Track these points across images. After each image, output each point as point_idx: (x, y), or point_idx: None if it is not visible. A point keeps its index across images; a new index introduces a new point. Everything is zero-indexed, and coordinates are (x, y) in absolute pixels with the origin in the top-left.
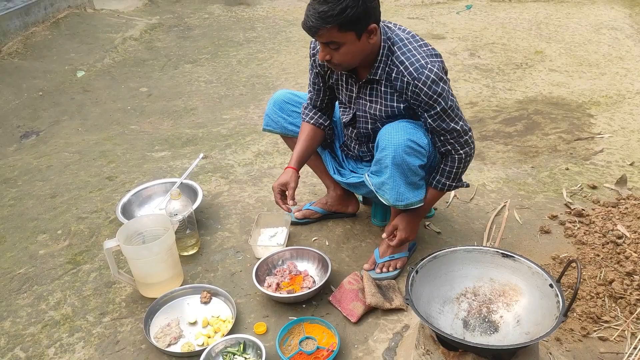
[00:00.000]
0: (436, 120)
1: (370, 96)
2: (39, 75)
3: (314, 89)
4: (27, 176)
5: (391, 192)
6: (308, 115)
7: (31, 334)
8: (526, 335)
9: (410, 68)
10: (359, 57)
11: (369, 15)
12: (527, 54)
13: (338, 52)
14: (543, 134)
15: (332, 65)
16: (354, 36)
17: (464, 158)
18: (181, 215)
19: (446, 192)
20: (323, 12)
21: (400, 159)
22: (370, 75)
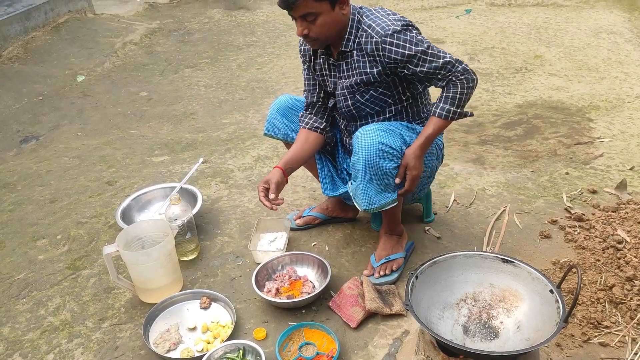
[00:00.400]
0: (423, 64)
1: (346, 71)
2: (39, 79)
3: (308, 84)
4: (26, 181)
5: (363, 197)
6: (304, 121)
7: (30, 339)
8: (526, 341)
9: (377, 28)
10: (334, 28)
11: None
12: (526, 58)
13: (314, 24)
14: (543, 138)
15: (310, 40)
16: (328, 6)
17: (466, 83)
18: (181, 220)
19: (450, 121)
20: None
21: (372, 162)
22: (342, 47)
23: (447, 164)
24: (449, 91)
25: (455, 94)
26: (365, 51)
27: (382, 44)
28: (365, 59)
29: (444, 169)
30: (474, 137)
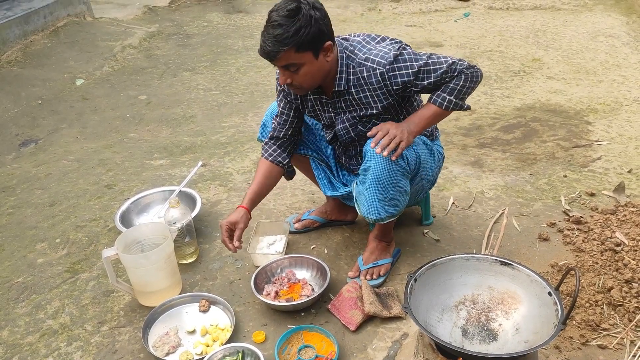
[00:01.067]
0: (429, 76)
1: (345, 107)
2: (38, 83)
3: (281, 119)
4: (25, 184)
5: (365, 204)
6: (267, 151)
7: (29, 343)
8: (525, 344)
9: (377, 59)
10: (319, 76)
11: (324, 33)
12: (524, 62)
13: (298, 74)
14: (541, 141)
15: (294, 88)
16: (312, 56)
17: (471, 77)
18: (180, 223)
19: (446, 111)
20: (279, 35)
21: (383, 174)
22: (336, 87)
23: (446, 167)
24: (451, 82)
25: (457, 85)
26: (370, 85)
27: (388, 72)
28: (368, 93)
29: (443, 172)
30: (472, 140)
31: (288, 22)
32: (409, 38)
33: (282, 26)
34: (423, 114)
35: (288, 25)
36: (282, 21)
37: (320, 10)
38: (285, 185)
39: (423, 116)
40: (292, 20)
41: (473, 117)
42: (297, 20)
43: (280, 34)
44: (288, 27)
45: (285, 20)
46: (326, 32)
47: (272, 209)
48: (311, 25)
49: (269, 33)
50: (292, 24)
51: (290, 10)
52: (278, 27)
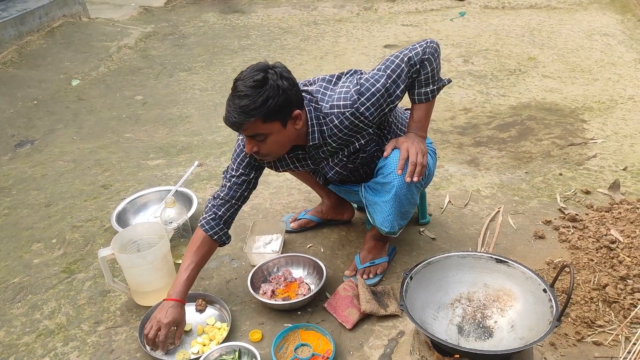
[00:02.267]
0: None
1: (325, 153)
2: (34, 84)
3: (238, 180)
4: (21, 185)
5: (380, 215)
6: (212, 227)
7: (25, 343)
8: (520, 340)
9: (341, 103)
10: (288, 144)
11: (291, 102)
12: (520, 60)
13: (265, 143)
14: (537, 140)
15: (261, 156)
16: (280, 125)
17: (432, 58)
18: (176, 223)
19: (433, 100)
20: (245, 106)
21: (403, 190)
22: (310, 142)
23: (442, 166)
24: (420, 75)
25: (427, 74)
26: (345, 128)
27: (357, 110)
28: (345, 137)
29: (439, 171)
30: (468, 138)
31: (254, 93)
32: (405, 37)
33: (249, 97)
34: (420, 116)
35: (254, 96)
36: (248, 92)
37: (288, 79)
38: (282, 185)
39: (420, 118)
40: (259, 91)
41: (469, 116)
42: (265, 91)
43: (247, 105)
44: (255, 97)
45: (252, 91)
46: (294, 101)
47: (268, 209)
48: (279, 95)
49: (234, 103)
50: (258, 95)
51: (257, 80)
52: (244, 98)
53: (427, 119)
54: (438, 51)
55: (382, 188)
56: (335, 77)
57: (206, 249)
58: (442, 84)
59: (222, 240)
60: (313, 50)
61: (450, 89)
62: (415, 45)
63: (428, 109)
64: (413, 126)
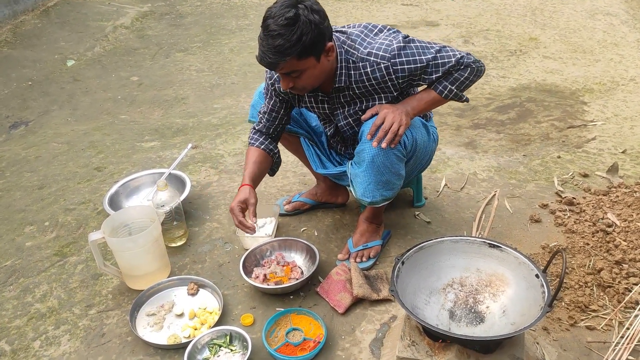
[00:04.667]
0: (438, 70)
1: (346, 103)
2: (29, 64)
3: (270, 117)
4: (15, 167)
5: (360, 186)
6: (258, 140)
7: (17, 326)
8: (512, 326)
9: (380, 52)
10: (323, 77)
11: (324, 35)
12: (521, 41)
13: (300, 78)
14: (536, 122)
15: (296, 90)
16: (314, 60)
17: (476, 70)
18: (168, 206)
19: (445, 99)
20: (280, 45)
21: (379, 158)
22: (335, 84)
23: (439, 149)
24: (456, 72)
25: (461, 77)
26: (374, 79)
27: (393, 66)
28: (371, 88)
29: (436, 154)
30: (466, 120)
31: (288, 31)
32: (405, 17)
33: (282, 36)
34: (422, 98)
35: (288, 34)
36: (281, 30)
37: (319, 12)
38: None
39: (422, 99)
40: (291, 29)
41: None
42: (297, 28)
43: (281, 44)
44: (288, 36)
45: (285, 29)
46: (326, 33)
47: (262, 191)
48: (312, 30)
49: (268, 43)
50: (292, 33)
51: (288, 18)
52: (278, 37)
53: (426, 104)
54: (482, 72)
55: (359, 157)
56: (378, 28)
57: (256, 154)
58: (462, 96)
59: (268, 149)
60: None
61: None
62: (470, 55)
63: (434, 100)
64: (408, 100)
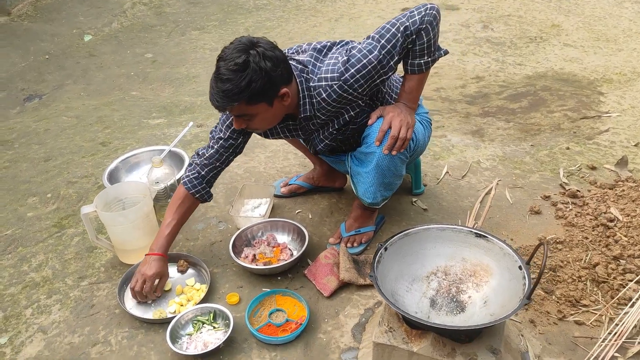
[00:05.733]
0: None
1: (315, 125)
2: (47, 38)
3: (226, 143)
4: (24, 139)
5: (362, 186)
6: (194, 185)
7: (11, 294)
8: (491, 317)
9: (328, 75)
10: (277, 119)
11: (276, 82)
12: (542, 28)
13: (252, 121)
14: (548, 112)
15: (250, 129)
16: (266, 105)
17: (430, 27)
18: (163, 183)
19: (427, 72)
20: (227, 90)
21: (385, 162)
22: (301, 114)
23: (445, 135)
24: (415, 45)
25: (423, 44)
26: (333, 102)
27: (345, 83)
28: (334, 110)
29: (441, 140)
30: (476, 108)
31: (236, 77)
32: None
33: (231, 81)
34: (411, 87)
35: (237, 80)
36: (230, 75)
37: (272, 59)
38: (279, 149)
39: (412, 89)
40: (241, 75)
41: (480, 85)
42: (247, 74)
43: (229, 89)
44: (237, 82)
45: (234, 74)
46: (279, 80)
47: (261, 172)
48: (262, 77)
49: (217, 87)
50: (241, 79)
51: (238, 64)
52: (227, 82)
53: (418, 91)
54: (437, 19)
55: (365, 158)
56: (327, 47)
57: (188, 206)
58: (439, 55)
59: (204, 198)
60: (328, 12)
61: (464, 56)
62: (413, 12)
63: (421, 80)
64: (403, 96)
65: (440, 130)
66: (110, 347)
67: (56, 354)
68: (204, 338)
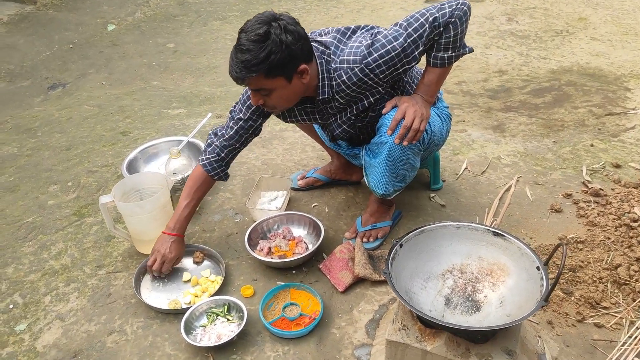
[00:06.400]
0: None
1: (336, 111)
2: (71, 27)
3: (245, 124)
4: (47, 127)
5: (373, 177)
6: (211, 163)
7: (31, 281)
8: (507, 317)
9: (350, 58)
10: (295, 98)
11: (296, 57)
12: (569, 21)
13: (270, 97)
14: (572, 107)
15: (267, 108)
16: (284, 80)
17: (458, 22)
18: (180, 174)
19: (449, 67)
20: (246, 61)
21: (397, 152)
22: (319, 97)
23: (465, 130)
24: (441, 38)
25: (449, 38)
26: (353, 85)
27: (367, 67)
28: (354, 93)
29: (460, 135)
30: (498, 102)
31: (256, 48)
32: None
33: (250, 51)
34: (430, 80)
35: (256, 51)
36: (250, 46)
37: (293, 33)
38: (297, 141)
39: (431, 82)
40: (260, 46)
41: (503, 79)
42: (267, 45)
43: (248, 60)
44: (256, 52)
45: (254, 45)
46: (300, 56)
47: (279, 164)
48: (281, 50)
49: (236, 57)
50: (260, 50)
51: (259, 34)
52: (246, 52)
53: (438, 84)
54: (468, 15)
55: (377, 149)
56: (351, 30)
57: (205, 187)
58: (463, 52)
59: (222, 179)
60: (350, 3)
61: (488, 49)
62: (444, 4)
63: (442, 75)
64: (421, 89)
65: (460, 125)
66: (125, 337)
67: (73, 341)
68: (217, 330)
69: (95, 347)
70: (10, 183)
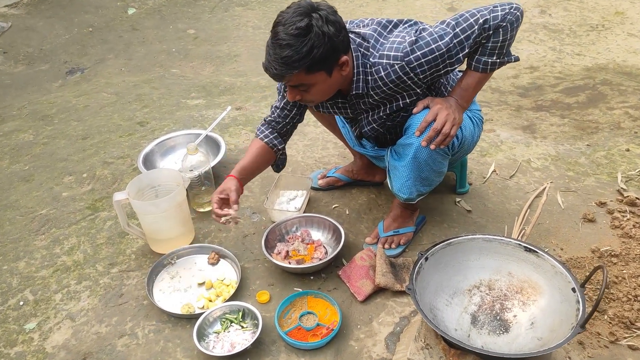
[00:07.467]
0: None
1: (369, 107)
2: (91, 10)
3: (282, 113)
4: (64, 114)
5: (397, 181)
6: (263, 132)
7: (42, 277)
8: (538, 341)
9: (391, 54)
10: (332, 91)
11: (338, 49)
12: (605, 15)
13: (308, 92)
14: (607, 108)
15: (304, 102)
16: (325, 75)
17: (509, 27)
18: (197, 171)
19: (490, 73)
20: (287, 57)
21: (424, 155)
22: (353, 91)
23: (493, 130)
24: (489, 42)
25: (496, 43)
26: (391, 83)
27: (408, 65)
28: (390, 91)
29: (489, 135)
30: (529, 101)
31: (298, 43)
32: None
33: (291, 47)
34: (468, 84)
35: (298, 46)
36: (290, 41)
37: (335, 24)
38: (318, 137)
39: (469, 87)
40: (302, 40)
41: (534, 76)
42: (309, 39)
43: (289, 55)
44: (298, 47)
45: (295, 39)
46: (340, 46)
47: (299, 162)
48: (324, 43)
49: (275, 53)
50: (302, 45)
51: (300, 28)
52: (286, 48)
53: (475, 90)
54: (520, 21)
55: (403, 150)
56: (392, 23)
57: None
58: (508, 59)
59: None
60: None
61: (519, 43)
62: (496, 7)
63: (481, 80)
64: (457, 92)
65: (488, 124)
66: (136, 340)
67: (83, 343)
68: (231, 338)
69: (105, 350)
70: (25, 172)
